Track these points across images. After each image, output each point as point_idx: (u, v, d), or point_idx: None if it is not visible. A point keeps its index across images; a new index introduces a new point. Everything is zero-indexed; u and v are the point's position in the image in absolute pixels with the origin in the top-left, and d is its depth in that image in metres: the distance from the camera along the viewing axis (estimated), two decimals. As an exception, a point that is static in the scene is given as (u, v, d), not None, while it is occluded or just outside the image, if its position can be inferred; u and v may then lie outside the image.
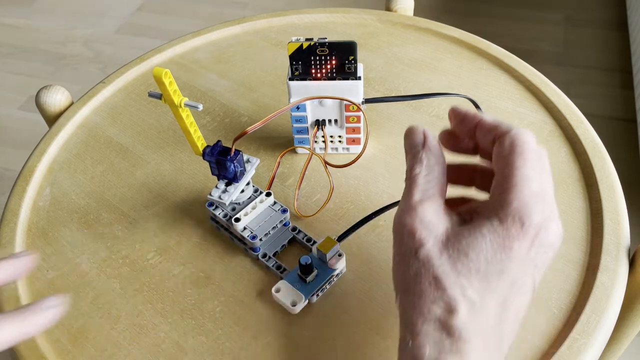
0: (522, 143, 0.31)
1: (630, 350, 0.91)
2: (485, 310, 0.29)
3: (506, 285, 0.29)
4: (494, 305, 0.29)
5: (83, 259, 0.44)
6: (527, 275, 0.30)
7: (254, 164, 0.43)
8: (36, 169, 0.51)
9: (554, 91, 0.55)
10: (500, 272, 0.29)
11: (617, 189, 0.46)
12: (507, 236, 0.29)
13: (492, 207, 0.30)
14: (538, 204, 0.30)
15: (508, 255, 0.29)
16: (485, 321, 0.29)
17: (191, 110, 0.39)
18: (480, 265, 0.29)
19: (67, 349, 0.39)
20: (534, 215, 0.29)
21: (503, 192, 0.30)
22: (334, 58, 0.43)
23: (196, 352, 0.39)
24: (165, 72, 0.37)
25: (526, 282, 0.30)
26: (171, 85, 0.38)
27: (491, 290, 0.29)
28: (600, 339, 0.38)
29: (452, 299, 0.29)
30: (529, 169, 0.30)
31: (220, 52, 0.63)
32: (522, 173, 0.30)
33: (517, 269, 0.29)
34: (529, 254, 0.30)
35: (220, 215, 0.43)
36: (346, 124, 0.48)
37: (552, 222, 0.30)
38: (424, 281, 0.29)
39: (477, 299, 0.29)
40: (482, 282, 0.29)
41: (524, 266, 0.30)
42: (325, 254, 0.40)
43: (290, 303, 0.39)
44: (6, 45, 1.66)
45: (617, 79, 1.43)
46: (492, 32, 1.55)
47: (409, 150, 0.34)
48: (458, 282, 0.29)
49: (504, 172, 0.31)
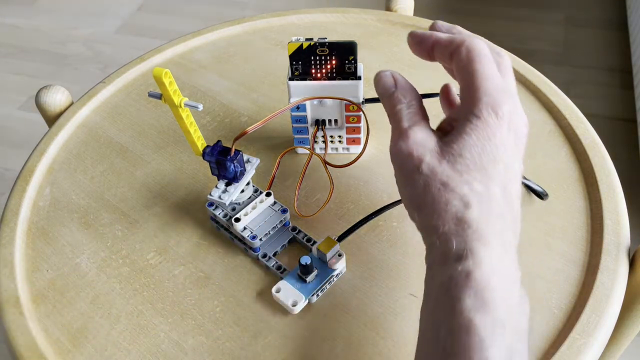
0: (476, 49, 0.34)
1: (630, 350, 0.91)
2: (492, 197, 0.32)
3: (501, 170, 0.33)
4: (498, 191, 0.32)
5: (83, 259, 0.44)
6: (515, 160, 0.34)
7: (254, 164, 0.43)
8: (36, 169, 0.51)
9: (554, 91, 0.55)
10: (493, 161, 0.32)
11: (617, 189, 0.46)
12: (487, 127, 0.33)
13: (467, 109, 0.33)
14: (504, 95, 0.33)
15: (494, 143, 0.32)
16: (496, 206, 0.32)
17: (191, 110, 0.39)
18: (475, 159, 0.32)
19: (67, 349, 0.39)
20: (503, 105, 0.33)
21: (471, 94, 0.33)
22: (334, 58, 0.43)
23: (196, 352, 0.39)
24: (165, 72, 0.37)
25: (515, 167, 0.34)
26: (171, 85, 0.38)
27: (491, 178, 0.32)
28: (600, 339, 0.38)
29: (463, 196, 0.32)
30: (487, 69, 0.34)
31: (220, 52, 0.63)
32: (482, 74, 0.34)
33: (505, 154, 0.33)
34: (509, 139, 0.33)
35: (220, 216, 0.43)
36: (346, 124, 0.48)
37: (518, 110, 0.34)
38: (433, 190, 0.32)
39: (483, 189, 0.32)
40: (481, 173, 0.32)
41: (510, 150, 0.33)
42: (325, 254, 0.40)
43: (290, 303, 0.39)
44: (6, 45, 1.66)
45: (617, 79, 1.43)
46: (492, 32, 1.55)
47: (383, 94, 0.38)
48: (463, 180, 0.32)
49: (467, 79, 0.34)
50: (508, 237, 0.32)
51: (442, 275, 0.31)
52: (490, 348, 0.28)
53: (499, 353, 0.28)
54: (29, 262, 0.44)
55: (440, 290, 0.31)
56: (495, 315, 0.29)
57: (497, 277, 0.30)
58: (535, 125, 0.52)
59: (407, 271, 0.42)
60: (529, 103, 0.55)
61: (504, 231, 0.32)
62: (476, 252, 0.30)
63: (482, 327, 0.28)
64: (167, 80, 0.37)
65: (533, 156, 0.50)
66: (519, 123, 0.34)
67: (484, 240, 0.31)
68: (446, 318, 0.30)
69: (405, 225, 0.45)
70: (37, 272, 0.44)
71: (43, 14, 1.77)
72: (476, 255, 0.30)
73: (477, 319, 0.28)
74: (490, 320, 0.29)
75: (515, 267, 0.32)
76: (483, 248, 0.30)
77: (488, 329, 0.28)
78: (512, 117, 0.33)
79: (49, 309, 0.41)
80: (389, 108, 0.37)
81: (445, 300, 0.30)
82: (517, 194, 0.34)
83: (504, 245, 0.31)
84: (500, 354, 0.28)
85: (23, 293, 0.42)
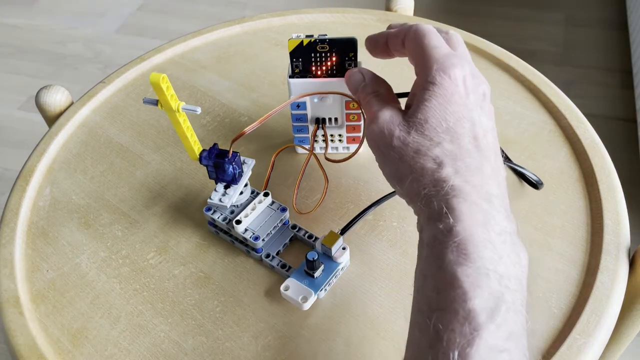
0: (423, 28, 0.37)
1: (630, 350, 0.91)
2: (465, 153, 0.33)
3: (468, 126, 0.34)
4: (470, 146, 0.34)
5: (83, 259, 0.44)
6: (482, 115, 0.35)
7: (250, 165, 0.43)
8: (36, 168, 0.51)
9: (554, 91, 0.55)
10: (458, 119, 0.34)
11: (617, 189, 0.46)
12: (444, 90, 0.34)
13: (422, 80, 0.35)
14: (454, 58, 0.35)
15: (453, 102, 0.34)
16: (471, 160, 0.33)
17: (190, 113, 0.39)
18: (440, 122, 0.34)
19: (67, 349, 0.39)
20: (455, 68, 0.35)
21: (424, 64, 0.36)
22: (335, 55, 0.43)
23: (196, 352, 0.39)
24: (162, 77, 0.36)
25: (483, 121, 0.35)
26: (168, 90, 0.38)
27: (460, 135, 0.34)
28: (600, 339, 0.38)
29: (435, 157, 0.33)
30: (434, 41, 0.36)
31: (220, 52, 0.63)
32: (430, 45, 0.36)
33: (469, 112, 0.34)
34: (469, 98, 0.35)
35: (219, 219, 0.43)
36: (346, 122, 0.48)
37: (474, 72, 0.36)
38: (407, 159, 0.34)
39: (454, 147, 0.33)
40: (449, 133, 0.34)
41: (473, 108, 0.35)
42: (330, 248, 0.40)
43: (301, 299, 0.39)
44: (6, 45, 1.66)
45: (617, 79, 1.43)
46: (492, 32, 1.55)
47: (354, 90, 0.41)
48: (433, 144, 0.34)
49: (417, 53, 0.37)
50: (490, 188, 0.33)
51: (427, 236, 0.32)
52: (473, 299, 0.28)
53: (483, 303, 0.28)
54: (29, 262, 0.44)
55: (427, 250, 0.32)
56: (479, 265, 0.29)
57: (480, 228, 0.31)
58: (535, 125, 0.52)
59: (407, 271, 0.42)
60: (529, 103, 0.55)
61: (484, 183, 0.33)
62: (455, 208, 0.31)
63: (465, 280, 0.29)
64: (165, 85, 0.37)
65: (533, 156, 0.50)
66: (477, 82, 0.36)
67: (463, 195, 0.32)
68: (432, 275, 0.30)
69: (406, 225, 0.45)
70: (37, 272, 0.44)
71: (43, 14, 1.77)
72: (456, 210, 0.31)
73: (459, 272, 0.29)
74: (474, 271, 0.29)
75: (503, 217, 0.32)
76: (463, 203, 0.31)
77: (471, 280, 0.29)
78: (466, 78, 0.35)
79: (49, 309, 0.41)
80: (361, 100, 0.40)
81: (431, 258, 0.31)
82: (492, 146, 0.35)
83: (486, 197, 0.32)
84: (485, 304, 0.28)
85: (23, 293, 0.42)
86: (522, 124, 0.53)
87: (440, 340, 0.28)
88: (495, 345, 0.28)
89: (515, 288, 0.30)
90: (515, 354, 0.28)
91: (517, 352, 0.28)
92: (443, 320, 0.28)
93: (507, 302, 0.29)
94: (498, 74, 0.58)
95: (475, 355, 0.27)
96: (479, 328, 0.27)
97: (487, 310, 0.28)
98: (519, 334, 0.29)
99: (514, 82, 0.57)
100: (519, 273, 0.31)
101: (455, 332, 0.28)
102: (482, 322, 0.28)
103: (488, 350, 0.27)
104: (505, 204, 0.33)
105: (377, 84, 0.40)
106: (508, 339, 0.28)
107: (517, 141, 0.51)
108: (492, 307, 0.28)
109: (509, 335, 0.28)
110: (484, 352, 0.27)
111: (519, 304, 0.30)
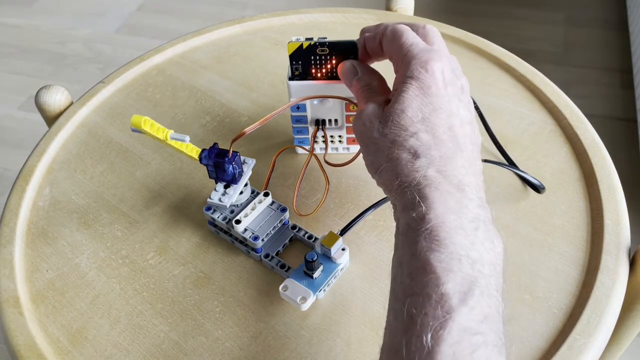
0: (398, 27, 0.38)
1: (630, 350, 0.91)
2: (439, 143, 0.34)
3: (444, 117, 0.35)
4: (445, 137, 0.34)
5: (83, 259, 0.44)
6: (460, 108, 0.36)
7: (250, 165, 0.43)
8: (36, 168, 0.51)
9: (554, 91, 0.55)
10: (434, 110, 0.35)
11: (617, 189, 0.46)
12: (421, 83, 0.35)
13: (401, 75, 0.36)
14: (432, 53, 0.36)
15: (431, 94, 0.35)
16: (446, 150, 0.34)
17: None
18: (417, 113, 0.35)
19: (66, 349, 0.39)
20: (433, 62, 0.35)
21: (402, 61, 0.37)
22: (334, 58, 0.43)
23: (196, 352, 0.39)
24: (144, 120, 0.38)
25: (461, 113, 0.36)
26: (152, 127, 0.39)
27: (436, 126, 0.34)
28: (600, 339, 0.38)
29: (410, 148, 0.34)
30: (411, 38, 0.37)
31: (220, 52, 0.63)
32: (407, 42, 0.37)
33: (447, 104, 0.35)
34: (447, 90, 0.35)
35: (219, 219, 0.43)
36: (346, 123, 0.47)
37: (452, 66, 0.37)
38: (385, 150, 0.35)
39: (429, 137, 0.34)
40: (425, 124, 0.34)
41: (450, 100, 0.35)
42: (330, 249, 0.40)
43: (299, 300, 0.39)
44: (6, 45, 1.66)
45: (617, 78, 1.43)
46: (492, 32, 1.55)
47: (348, 84, 0.41)
48: (408, 134, 0.34)
49: (395, 51, 0.37)
50: (464, 177, 0.33)
51: (402, 225, 0.33)
52: (446, 284, 0.29)
53: (456, 287, 0.29)
54: (29, 262, 0.44)
55: (402, 238, 0.32)
56: (451, 251, 0.30)
57: (452, 216, 0.31)
58: (535, 125, 0.52)
59: (407, 271, 0.42)
60: (529, 103, 0.55)
61: (457, 173, 0.33)
62: (428, 197, 0.32)
63: (437, 265, 0.29)
64: (147, 125, 0.38)
65: (533, 156, 0.50)
66: (456, 77, 0.37)
67: (435, 184, 0.33)
68: (407, 262, 0.31)
69: (405, 225, 0.45)
70: (37, 272, 0.44)
71: (43, 14, 1.77)
72: (428, 199, 0.32)
73: (431, 258, 0.30)
74: (446, 256, 0.29)
75: (476, 205, 0.33)
76: (435, 191, 0.32)
77: (444, 265, 0.29)
78: (445, 71, 0.36)
79: (49, 309, 0.41)
80: (354, 92, 0.41)
81: (406, 246, 0.31)
82: (470, 137, 0.36)
83: (459, 186, 0.33)
84: (457, 287, 0.29)
85: (23, 293, 0.42)
86: (522, 124, 0.53)
87: (414, 324, 0.28)
88: (469, 327, 0.28)
89: (489, 273, 0.30)
90: (490, 337, 0.28)
91: (492, 335, 0.28)
92: (416, 304, 0.29)
93: (481, 285, 0.29)
94: (498, 74, 0.58)
95: (448, 337, 0.27)
96: (451, 311, 0.28)
97: (459, 293, 0.28)
98: (494, 318, 0.29)
99: (514, 82, 0.57)
100: (492, 259, 0.31)
101: (428, 316, 0.28)
102: (455, 305, 0.28)
103: (461, 332, 0.27)
104: (480, 193, 0.34)
105: (370, 77, 0.40)
106: (482, 322, 0.28)
107: (517, 141, 0.51)
108: (464, 291, 0.29)
109: (483, 319, 0.28)
110: (457, 334, 0.27)
111: (493, 289, 0.30)
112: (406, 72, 0.36)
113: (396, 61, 0.38)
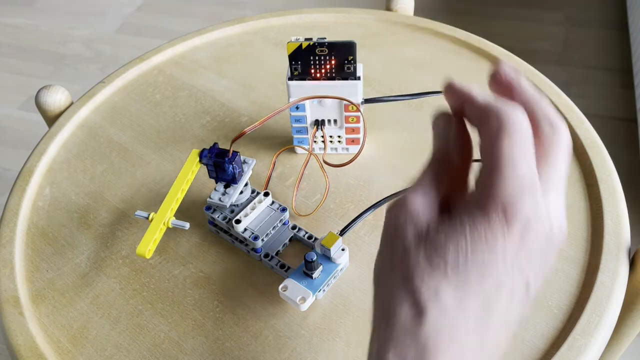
0: (510, 122, 0.26)
1: (630, 350, 0.91)
2: (462, 313, 0.25)
3: (490, 285, 0.25)
4: (473, 310, 0.25)
5: (83, 259, 0.44)
6: (519, 278, 0.26)
7: (251, 165, 0.43)
8: (36, 168, 0.51)
9: (554, 91, 0.55)
10: (482, 270, 0.25)
11: (617, 189, 0.46)
12: (489, 228, 0.25)
13: (476, 197, 0.26)
14: (527, 192, 0.25)
15: (490, 249, 0.25)
16: (463, 325, 0.25)
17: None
18: (459, 258, 0.25)
19: (67, 349, 0.39)
20: (520, 206, 0.25)
21: (486, 179, 0.26)
22: (333, 58, 0.43)
23: (196, 352, 0.39)
24: (148, 250, 0.38)
25: (515, 289, 0.26)
26: (153, 235, 0.39)
27: (471, 291, 0.25)
28: (600, 339, 0.38)
29: (422, 300, 0.25)
30: (517, 151, 0.25)
31: (220, 52, 0.63)
32: (507, 157, 0.25)
33: (504, 269, 0.25)
34: (519, 253, 0.25)
35: (219, 219, 0.43)
36: (345, 124, 0.48)
37: (550, 215, 0.26)
38: (392, 279, 0.27)
39: (452, 301, 0.25)
40: (460, 279, 0.25)
41: (513, 267, 0.25)
42: (330, 249, 0.40)
43: (298, 300, 0.39)
44: (6, 45, 1.66)
45: (617, 79, 1.43)
46: (492, 32, 1.55)
47: (434, 140, 0.30)
48: (432, 278, 0.25)
49: (489, 158, 0.26)
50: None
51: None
52: None
53: None
54: (29, 262, 0.44)
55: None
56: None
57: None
58: (535, 125, 0.52)
59: (407, 271, 0.42)
60: (529, 103, 0.55)
61: (463, 357, 0.25)
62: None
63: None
64: (153, 248, 0.39)
65: (533, 156, 0.50)
66: (545, 229, 0.26)
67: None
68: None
69: (405, 225, 0.45)
70: (37, 272, 0.44)
71: (43, 14, 1.77)
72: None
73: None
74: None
75: None
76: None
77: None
78: (531, 222, 0.25)
79: (49, 309, 0.41)
80: (430, 154, 0.30)
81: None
82: (506, 317, 0.26)
83: None
84: None
85: (23, 293, 0.42)
86: (522, 124, 0.53)
87: None
88: None
89: None
90: None
91: None
92: None
93: None
94: (498, 74, 0.58)
95: None
96: None
97: None
98: None
99: (514, 82, 0.57)
100: None
101: None
102: None
103: None
104: None
105: (442, 162, 0.29)
106: None
107: (517, 141, 0.51)
108: None
109: None
110: None
111: None
112: (481, 200, 0.26)
113: (483, 166, 0.26)
